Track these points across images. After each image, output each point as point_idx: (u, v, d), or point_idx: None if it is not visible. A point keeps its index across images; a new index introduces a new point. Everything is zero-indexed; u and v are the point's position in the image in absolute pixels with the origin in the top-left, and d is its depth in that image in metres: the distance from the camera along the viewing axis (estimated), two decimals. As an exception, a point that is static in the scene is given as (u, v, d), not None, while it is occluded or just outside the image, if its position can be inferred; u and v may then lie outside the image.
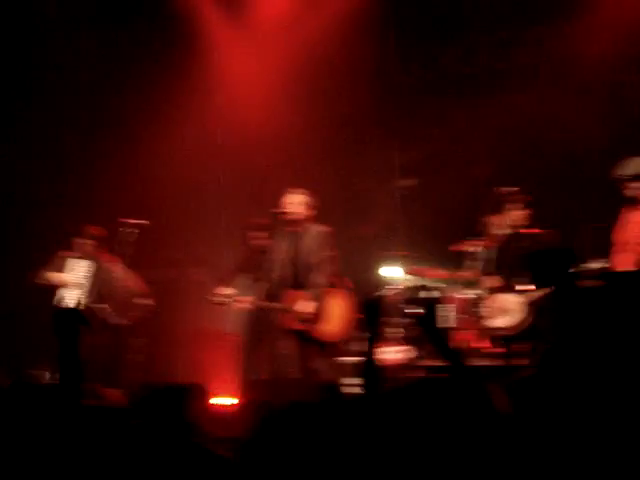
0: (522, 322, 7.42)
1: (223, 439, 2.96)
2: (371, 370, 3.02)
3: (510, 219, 7.62)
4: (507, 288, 7.64)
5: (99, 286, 8.27)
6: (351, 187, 10.09)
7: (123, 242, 8.18)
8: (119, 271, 8.23)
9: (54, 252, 8.51)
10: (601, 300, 6.25)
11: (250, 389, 7.15)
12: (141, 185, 9.76)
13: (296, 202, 7.30)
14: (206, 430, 2.95)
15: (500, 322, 7.64)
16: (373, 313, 3.47)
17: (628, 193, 6.72)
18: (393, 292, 9.10)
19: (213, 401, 7.30)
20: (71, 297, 8.30)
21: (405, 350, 8.69)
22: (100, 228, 8.49)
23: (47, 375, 8.60)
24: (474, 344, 8.42)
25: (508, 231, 7.80)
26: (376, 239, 8.96)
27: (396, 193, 9.18)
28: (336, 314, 7.25)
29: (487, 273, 8.08)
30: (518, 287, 7.53)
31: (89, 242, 8.41)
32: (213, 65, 10.20)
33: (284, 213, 7.26)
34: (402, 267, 9.29)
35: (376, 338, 3.09)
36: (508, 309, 7.53)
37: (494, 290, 7.70)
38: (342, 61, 10.21)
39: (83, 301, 8.25)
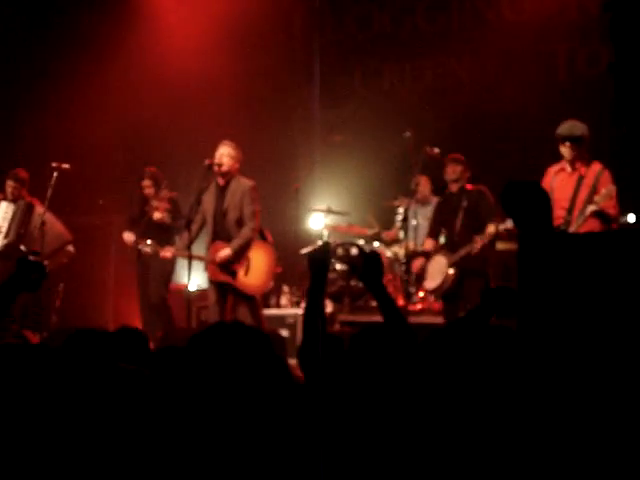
0: (443, 283, 7.60)
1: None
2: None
3: (448, 178, 7.73)
4: (441, 249, 7.80)
5: (20, 227, 8.13)
6: (279, 140, 10.10)
7: (48, 186, 8.05)
8: (45, 215, 8.10)
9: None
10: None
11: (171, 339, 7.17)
12: (72, 131, 9.57)
13: (224, 154, 7.29)
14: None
15: (429, 284, 7.83)
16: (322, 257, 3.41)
17: (565, 154, 6.80)
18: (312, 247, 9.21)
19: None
20: (-1, 241, 8.21)
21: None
22: (24, 170, 8.35)
23: None
24: (399, 302, 8.60)
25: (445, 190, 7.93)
26: (300, 193, 8.98)
27: (324, 148, 9.24)
28: (258, 268, 7.31)
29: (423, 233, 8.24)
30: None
31: (16, 185, 8.26)
32: (154, 20, 10.07)
33: (217, 165, 7.24)
34: (324, 222, 9.40)
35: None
36: (437, 271, 7.71)
37: (432, 252, 7.85)
38: (277, 19, 10.20)
39: (8, 240, 8.12)
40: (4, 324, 7.14)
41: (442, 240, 7.93)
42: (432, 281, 7.76)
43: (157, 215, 8.09)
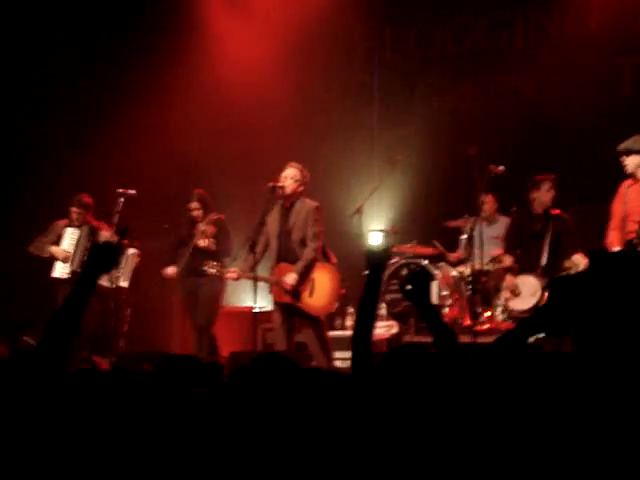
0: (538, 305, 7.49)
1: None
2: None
3: (538, 200, 7.68)
4: (525, 269, 7.72)
5: (84, 254, 8.24)
6: (340, 161, 10.11)
7: (114, 211, 8.17)
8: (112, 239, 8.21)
9: (50, 221, 8.52)
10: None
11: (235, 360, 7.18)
12: (137, 156, 9.69)
13: (289, 176, 7.31)
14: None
15: (519, 304, 7.72)
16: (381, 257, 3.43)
17: (625, 168, 6.78)
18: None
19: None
20: (65, 268, 8.36)
21: (388, 326, 8.77)
22: (88, 195, 8.48)
23: None
24: (465, 322, 8.51)
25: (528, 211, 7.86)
26: (362, 214, 8.98)
27: (386, 168, 9.19)
28: (322, 289, 7.29)
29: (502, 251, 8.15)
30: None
31: (80, 210, 8.40)
32: (211, 41, 10.17)
33: (280, 187, 7.27)
34: (388, 243, 9.34)
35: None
36: (527, 292, 7.61)
37: (508, 270, 7.78)
38: (337, 38, 10.22)
39: (74, 267, 8.26)
40: (73, 350, 7.24)
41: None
42: (522, 301, 7.66)
43: (202, 243, 7.99)
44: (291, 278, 7.18)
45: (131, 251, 8.37)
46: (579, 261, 7.24)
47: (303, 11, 9.90)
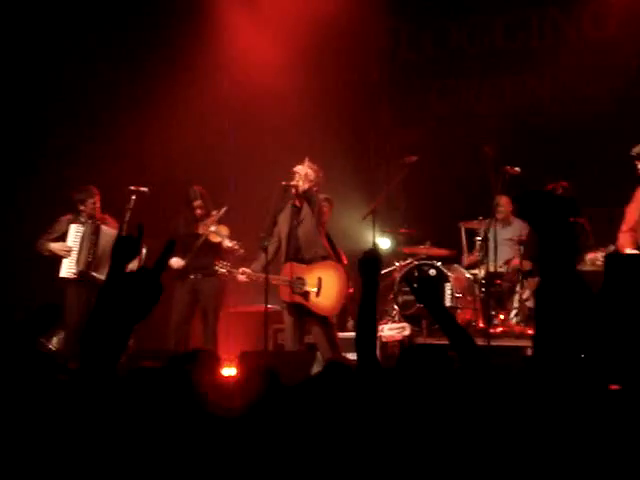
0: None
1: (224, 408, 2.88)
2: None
3: None
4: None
5: (88, 255, 8.17)
6: (353, 161, 10.05)
7: (126, 208, 8.10)
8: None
9: (55, 216, 8.44)
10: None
11: (247, 360, 7.11)
12: (148, 154, 9.65)
13: (302, 175, 7.25)
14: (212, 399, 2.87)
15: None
16: (371, 265, 3.46)
17: (638, 172, 6.76)
18: (389, 269, 9.11)
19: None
20: (72, 268, 8.20)
21: (401, 327, 8.70)
22: (99, 191, 8.41)
23: (54, 340, 8.43)
24: (479, 325, 8.43)
25: None
26: (375, 216, 8.91)
27: (398, 170, 9.12)
28: (329, 288, 7.23)
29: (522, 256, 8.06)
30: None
31: (92, 200, 8.32)
32: (224, 39, 10.12)
33: (293, 186, 7.20)
34: (399, 245, 9.29)
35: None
36: None
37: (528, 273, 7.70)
38: (351, 38, 10.15)
39: (80, 267, 8.15)
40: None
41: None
42: None
43: (227, 243, 7.96)
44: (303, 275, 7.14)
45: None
46: (595, 258, 7.13)
47: (316, 10, 9.83)
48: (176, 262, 8.02)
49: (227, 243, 7.97)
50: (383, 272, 8.80)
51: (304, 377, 2.97)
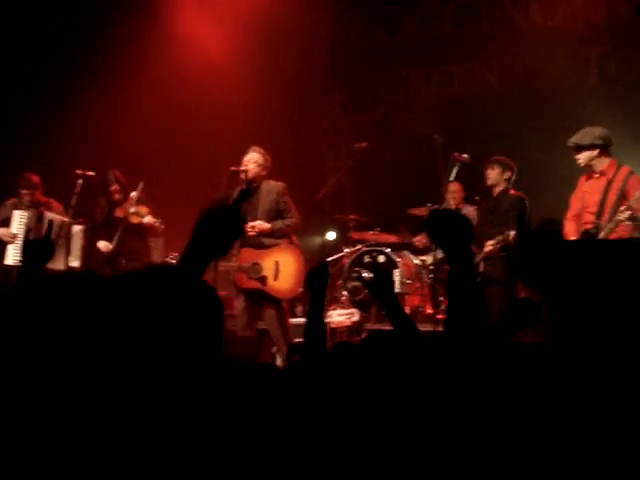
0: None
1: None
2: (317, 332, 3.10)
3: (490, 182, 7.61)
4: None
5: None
6: (304, 148, 10.04)
7: (72, 192, 8.00)
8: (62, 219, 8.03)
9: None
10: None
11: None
12: (98, 140, 9.55)
13: (252, 160, 7.22)
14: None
15: None
16: (319, 279, 3.48)
17: (579, 163, 6.83)
18: (339, 255, 9.13)
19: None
20: (17, 255, 8.02)
21: (350, 313, 8.71)
22: (34, 174, 8.27)
23: None
24: (427, 310, 8.49)
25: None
26: (325, 202, 8.91)
27: (348, 156, 9.14)
28: (287, 271, 7.22)
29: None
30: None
31: (29, 191, 8.20)
32: (174, 25, 10.05)
33: (243, 171, 7.17)
34: (348, 231, 9.30)
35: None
36: None
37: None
38: (302, 24, 10.12)
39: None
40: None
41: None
42: None
43: (148, 220, 7.98)
44: (263, 224, 7.11)
45: (77, 228, 8.14)
46: (502, 237, 7.17)
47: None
48: (104, 246, 7.98)
49: (147, 220, 7.96)
50: (332, 258, 8.81)
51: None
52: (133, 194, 8.05)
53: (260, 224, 7.15)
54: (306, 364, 3.09)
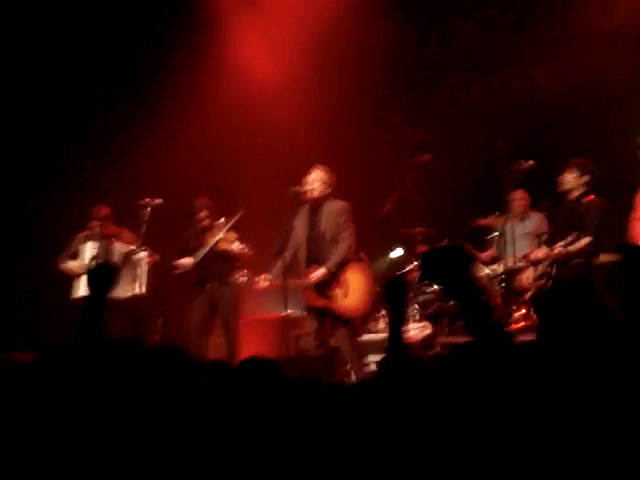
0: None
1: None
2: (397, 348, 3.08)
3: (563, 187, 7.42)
4: None
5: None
6: (366, 164, 10.04)
7: (141, 221, 8.12)
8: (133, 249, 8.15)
9: (69, 235, 8.47)
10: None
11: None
12: (161, 168, 9.68)
13: (316, 179, 7.25)
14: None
15: None
16: (397, 291, 3.46)
17: None
18: (409, 270, 9.08)
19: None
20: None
21: (422, 327, 8.67)
22: (107, 206, 8.42)
23: None
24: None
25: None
26: (390, 216, 8.89)
27: (411, 169, 9.10)
28: (356, 289, 7.19)
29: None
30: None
31: (100, 222, 8.35)
32: (227, 44, 10.13)
33: (305, 191, 7.21)
34: (416, 244, 9.25)
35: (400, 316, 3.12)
36: None
37: None
38: (356, 38, 10.13)
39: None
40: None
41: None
42: None
43: (236, 248, 8.05)
44: (319, 272, 7.09)
45: (141, 255, 8.25)
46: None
47: (321, 11, 9.85)
48: (186, 261, 8.10)
49: (235, 247, 8.01)
50: (401, 272, 8.77)
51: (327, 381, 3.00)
52: (223, 220, 8.17)
53: (317, 274, 7.12)
54: (385, 379, 3.08)
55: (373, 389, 2.74)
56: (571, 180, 7.31)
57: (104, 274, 3.19)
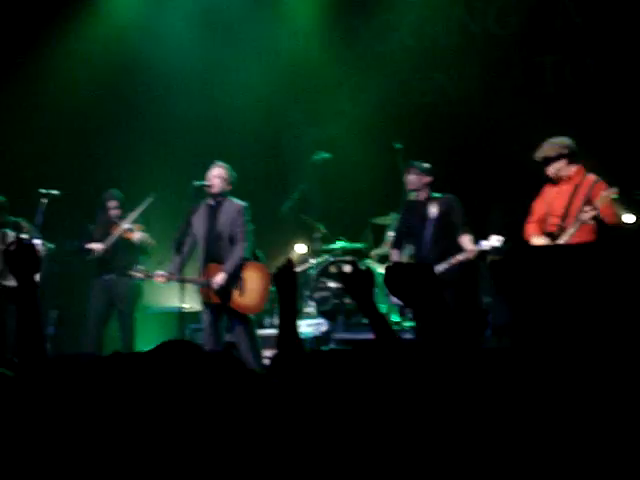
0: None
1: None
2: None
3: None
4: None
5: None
6: (267, 162, 10.11)
7: (38, 211, 8.01)
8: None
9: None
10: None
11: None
12: (55, 156, 9.58)
13: (216, 175, 7.26)
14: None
15: None
16: (287, 282, 3.43)
17: (548, 174, 6.86)
18: (306, 266, 9.19)
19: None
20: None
21: (318, 323, 8.78)
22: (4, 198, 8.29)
23: None
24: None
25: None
26: (291, 213, 8.98)
27: (311, 168, 9.21)
28: (253, 289, 7.25)
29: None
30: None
31: None
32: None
33: (207, 186, 7.21)
34: (316, 241, 9.36)
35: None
36: None
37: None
38: (262, 38, 10.22)
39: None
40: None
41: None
42: None
43: (137, 236, 8.09)
44: (220, 278, 7.13)
45: (35, 242, 8.12)
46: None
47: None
48: (97, 246, 8.10)
49: (137, 235, 8.08)
50: (300, 270, 8.87)
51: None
52: (132, 212, 8.18)
53: (217, 281, 7.15)
54: (277, 373, 3.11)
55: (262, 384, 2.76)
56: (413, 182, 7.48)
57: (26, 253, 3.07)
